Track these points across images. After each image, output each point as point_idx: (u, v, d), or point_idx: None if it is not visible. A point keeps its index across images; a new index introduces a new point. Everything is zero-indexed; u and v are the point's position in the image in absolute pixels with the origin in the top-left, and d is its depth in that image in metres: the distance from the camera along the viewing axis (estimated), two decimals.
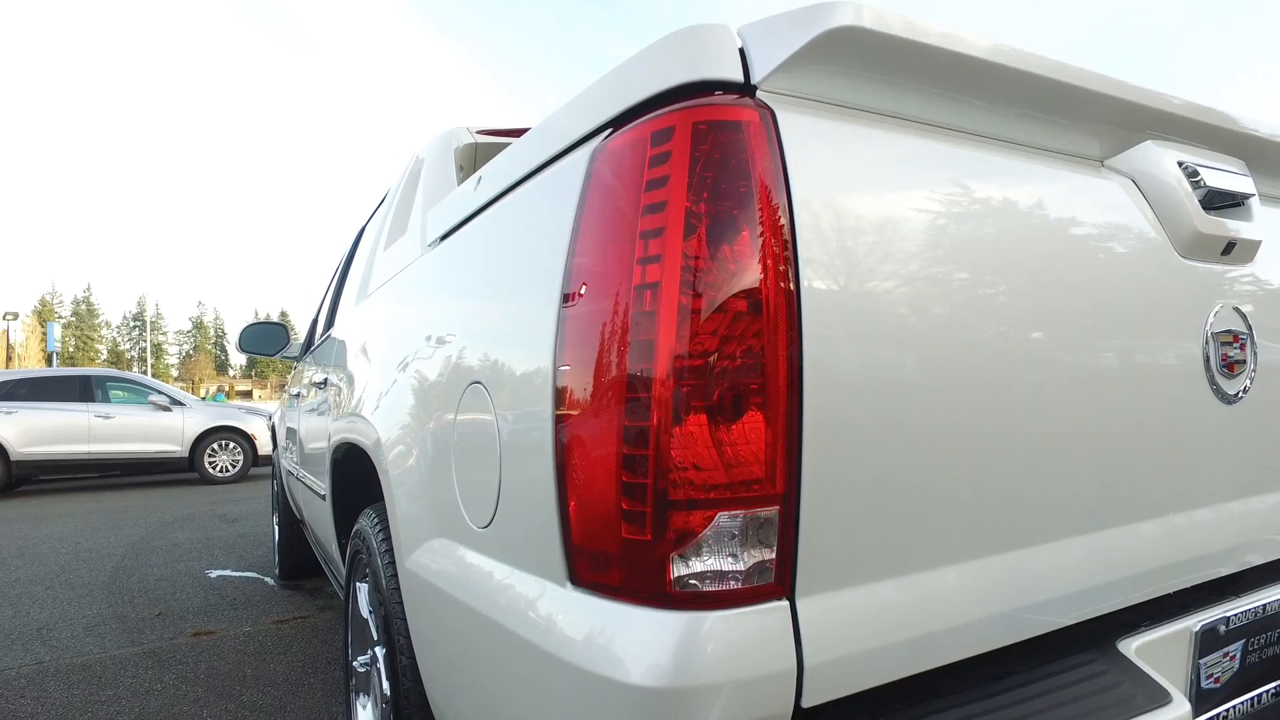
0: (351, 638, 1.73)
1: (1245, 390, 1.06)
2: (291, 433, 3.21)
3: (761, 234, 0.67)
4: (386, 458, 1.28)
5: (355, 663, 1.70)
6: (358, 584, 1.62)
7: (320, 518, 2.28)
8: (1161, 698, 0.78)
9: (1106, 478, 0.90)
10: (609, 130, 0.79)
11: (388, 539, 1.34)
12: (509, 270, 0.92)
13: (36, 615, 3.48)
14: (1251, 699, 1.03)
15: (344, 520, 1.90)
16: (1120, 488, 0.92)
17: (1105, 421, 0.91)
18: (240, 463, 9.61)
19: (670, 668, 0.64)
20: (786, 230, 0.67)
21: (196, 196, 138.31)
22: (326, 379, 2.22)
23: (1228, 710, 1.00)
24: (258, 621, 3.32)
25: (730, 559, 0.66)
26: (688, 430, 0.65)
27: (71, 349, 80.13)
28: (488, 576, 0.88)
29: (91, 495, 8.62)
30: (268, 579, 4.13)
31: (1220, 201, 1.07)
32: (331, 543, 2.10)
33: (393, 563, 1.28)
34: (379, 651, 1.40)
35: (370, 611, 1.49)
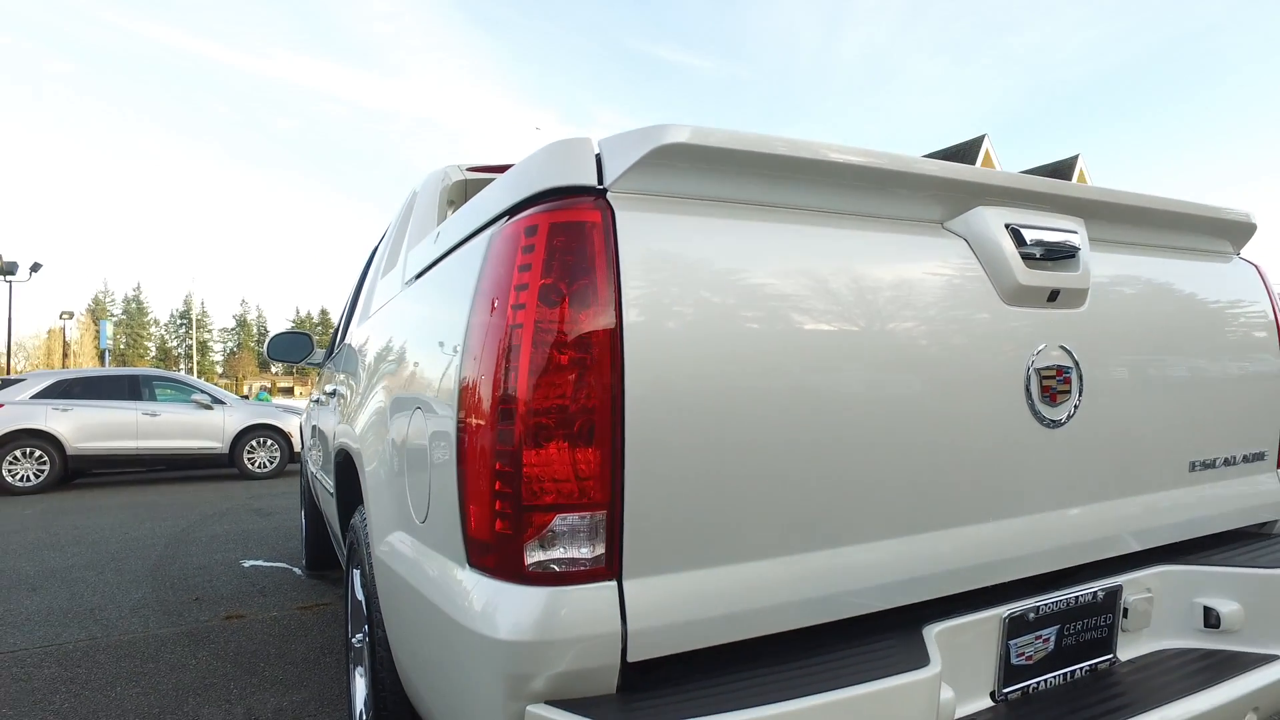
0: (350, 616, 1.99)
1: (1070, 416, 1.26)
2: (313, 435, 3.51)
3: (597, 305, 0.90)
4: (365, 463, 1.53)
5: (354, 639, 1.96)
6: (353, 569, 1.88)
7: (332, 512, 2.55)
8: (921, 663, 0.98)
9: (921, 490, 1.11)
10: (505, 217, 1.03)
11: (368, 531, 1.59)
12: (439, 319, 1.17)
13: (89, 597, 3.84)
14: (1065, 674, 1.23)
15: (345, 514, 2.17)
16: (935, 499, 1.12)
17: (922, 442, 1.11)
18: (277, 459, 10.08)
19: (527, 627, 0.87)
20: (615, 301, 0.90)
21: (241, 194, 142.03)
22: (336, 389, 2.49)
23: (1039, 682, 1.20)
24: (284, 607, 3.63)
25: (571, 549, 0.89)
26: (540, 454, 0.88)
27: (123, 346, 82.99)
28: (422, 561, 1.13)
29: (139, 489, 9.14)
30: (295, 569, 4.46)
31: (1055, 254, 1.26)
32: (339, 534, 2.37)
33: (371, 551, 1.53)
34: (367, 629, 1.65)
35: (361, 594, 1.74)
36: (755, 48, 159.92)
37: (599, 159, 0.97)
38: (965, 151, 26.25)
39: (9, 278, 21.72)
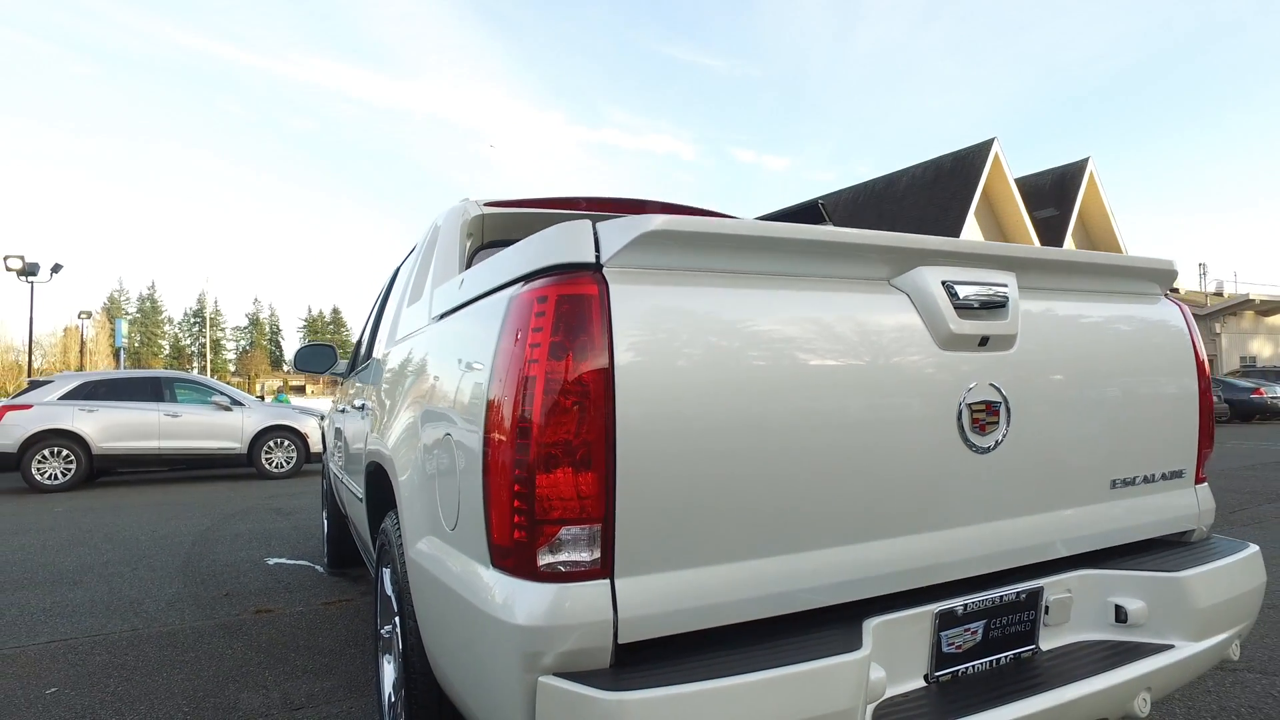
0: (380, 610, 2.23)
1: (997, 444, 1.48)
2: (338, 443, 3.76)
3: (594, 358, 1.13)
4: (398, 476, 1.77)
5: (382, 630, 2.21)
6: (384, 569, 2.12)
7: (359, 516, 2.79)
8: (854, 647, 1.21)
9: (865, 506, 1.34)
10: (521, 282, 1.26)
11: (402, 535, 1.83)
12: (467, 360, 1.40)
13: (128, 592, 4.11)
14: (991, 661, 1.45)
15: (375, 519, 2.41)
16: (876, 513, 1.35)
17: (872, 466, 1.34)
18: (294, 459, 10.39)
19: (540, 615, 1.11)
20: (609, 354, 1.14)
21: (255, 194, 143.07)
22: (365, 405, 2.73)
23: (968, 668, 1.43)
24: (309, 603, 3.88)
25: (574, 554, 1.13)
26: (550, 478, 1.12)
27: (137, 344, 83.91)
28: (453, 562, 1.36)
29: (162, 488, 9.45)
30: (317, 567, 4.72)
31: (986, 305, 1.48)
32: (367, 536, 2.61)
33: (404, 552, 1.77)
34: (397, 620, 1.89)
35: (392, 590, 1.98)
36: (768, 48, 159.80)
37: (596, 240, 1.20)
38: (974, 155, 26.32)
39: (30, 278, 22.17)
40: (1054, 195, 29.44)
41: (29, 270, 22.00)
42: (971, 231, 25.61)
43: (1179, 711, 2.38)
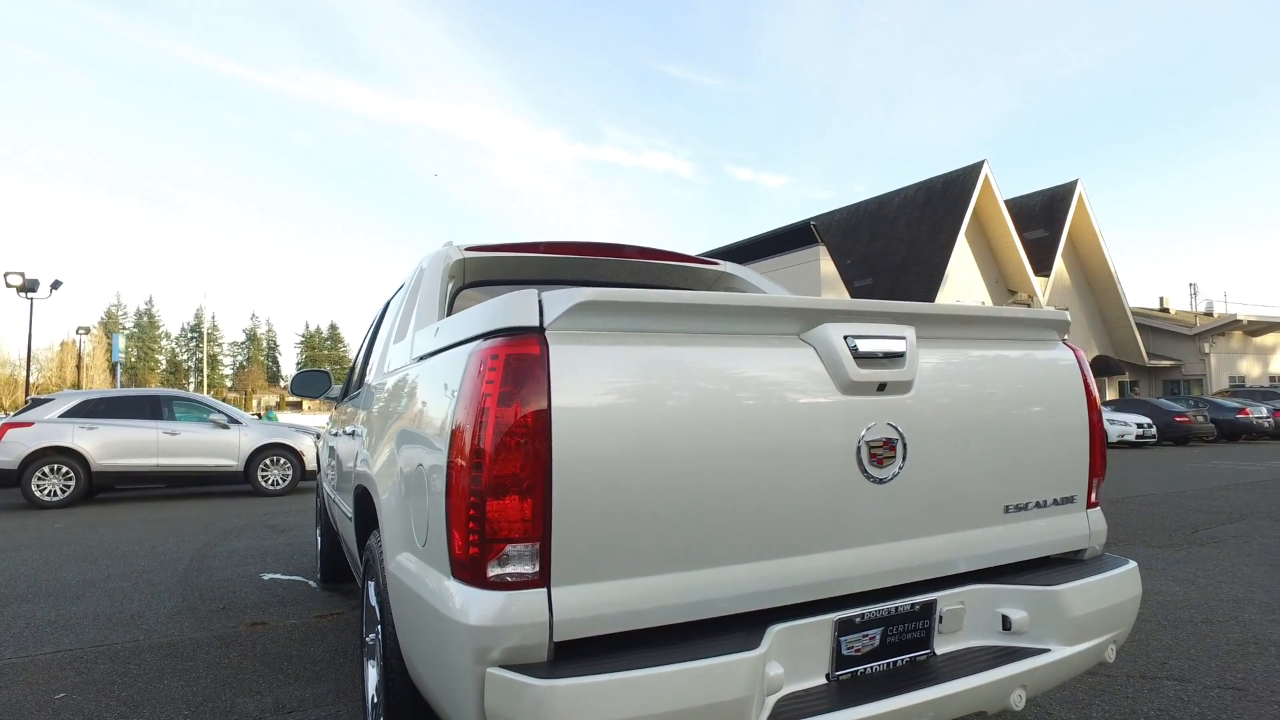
0: (365, 619, 2.46)
1: (894, 475, 1.72)
2: (331, 465, 3.98)
3: (536, 404, 1.37)
4: (380, 498, 2.01)
5: (367, 638, 2.43)
6: (369, 582, 2.34)
7: (349, 533, 3.02)
8: (753, 646, 1.44)
9: (772, 528, 1.57)
10: (482, 339, 1.51)
11: (383, 551, 2.06)
12: (436, 400, 1.65)
13: (129, 606, 4.32)
14: (888, 663, 1.68)
15: (362, 536, 2.64)
16: (783, 534, 1.58)
17: (778, 494, 1.58)
18: (289, 477, 10.58)
19: (489, 617, 1.34)
20: (547, 399, 1.38)
21: (253, 208, 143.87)
22: (355, 431, 2.97)
23: (866, 668, 1.65)
24: (302, 616, 4.09)
25: (517, 567, 1.37)
26: (498, 504, 1.35)
27: (134, 359, 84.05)
28: (423, 574, 1.60)
29: (160, 504, 9.63)
30: (311, 582, 4.92)
31: (888, 354, 1.72)
32: (356, 552, 2.84)
33: (384, 567, 2.00)
34: (380, 628, 2.11)
35: (375, 601, 2.21)
36: (764, 67, 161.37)
37: (541, 307, 1.45)
38: (964, 177, 26.75)
39: (30, 294, 22.42)
40: (1044, 216, 29.87)
41: (29, 287, 22.26)
42: (962, 252, 26.00)
43: (1096, 715, 2.60)
